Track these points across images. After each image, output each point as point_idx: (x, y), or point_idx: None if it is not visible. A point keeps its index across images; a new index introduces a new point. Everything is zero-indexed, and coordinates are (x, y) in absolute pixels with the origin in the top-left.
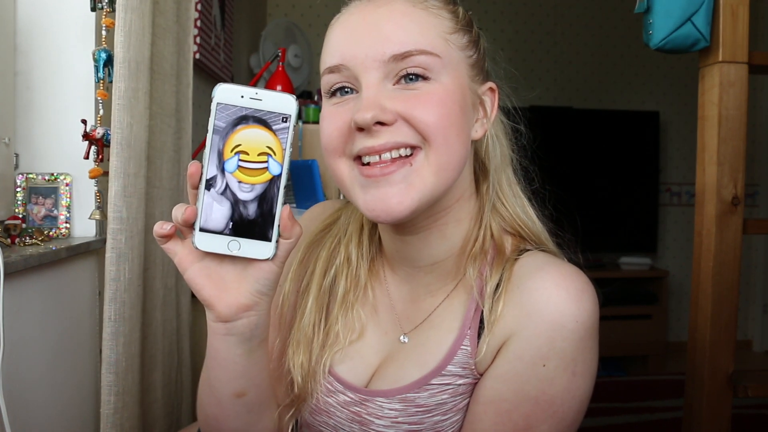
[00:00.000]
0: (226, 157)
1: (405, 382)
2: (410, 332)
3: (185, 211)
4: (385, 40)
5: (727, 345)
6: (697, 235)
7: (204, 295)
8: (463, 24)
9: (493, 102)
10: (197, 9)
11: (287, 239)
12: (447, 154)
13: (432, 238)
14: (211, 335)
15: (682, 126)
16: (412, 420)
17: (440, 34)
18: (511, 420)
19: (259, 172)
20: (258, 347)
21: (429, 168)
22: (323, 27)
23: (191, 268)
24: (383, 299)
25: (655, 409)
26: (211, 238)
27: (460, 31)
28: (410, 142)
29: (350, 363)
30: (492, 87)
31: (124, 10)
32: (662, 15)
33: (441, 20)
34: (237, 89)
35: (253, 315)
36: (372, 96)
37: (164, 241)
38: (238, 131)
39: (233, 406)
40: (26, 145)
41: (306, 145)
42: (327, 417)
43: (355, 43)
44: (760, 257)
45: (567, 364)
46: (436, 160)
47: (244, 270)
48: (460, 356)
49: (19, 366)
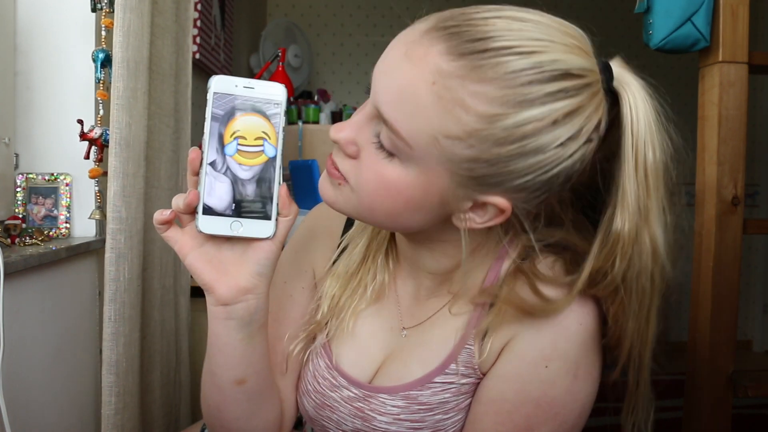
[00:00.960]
0: (226, 142)
1: (408, 380)
2: (412, 328)
3: (189, 194)
4: (384, 90)
5: (727, 345)
6: (697, 235)
7: (204, 279)
8: (485, 136)
9: (493, 218)
10: (197, 9)
11: (285, 216)
12: (367, 215)
13: (426, 254)
14: (211, 320)
15: (682, 126)
16: (414, 417)
17: (430, 129)
18: (512, 421)
19: (256, 155)
20: (257, 332)
21: (350, 201)
22: (323, 27)
23: (192, 253)
24: (390, 295)
25: (655, 409)
26: (214, 221)
27: (468, 141)
28: (348, 180)
29: (355, 357)
30: (499, 205)
31: (123, 9)
32: (662, 15)
33: (445, 118)
34: (231, 80)
35: (251, 298)
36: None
37: (164, 229)
38: (236, 119)
39: (234, 394)
40: (26, 145)
41: (306, 145)
42: (330, 412)
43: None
44: (760, 257)
45: (569, 366)
46: (355, 206)
47: (243, 253)
48: (464, 355)
49: (19, 366)
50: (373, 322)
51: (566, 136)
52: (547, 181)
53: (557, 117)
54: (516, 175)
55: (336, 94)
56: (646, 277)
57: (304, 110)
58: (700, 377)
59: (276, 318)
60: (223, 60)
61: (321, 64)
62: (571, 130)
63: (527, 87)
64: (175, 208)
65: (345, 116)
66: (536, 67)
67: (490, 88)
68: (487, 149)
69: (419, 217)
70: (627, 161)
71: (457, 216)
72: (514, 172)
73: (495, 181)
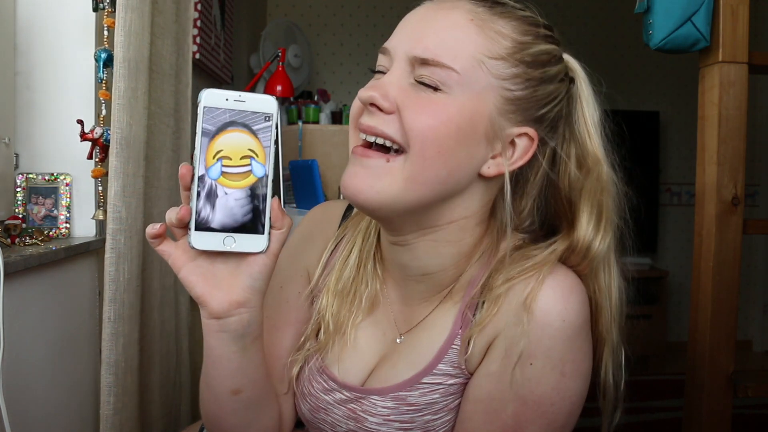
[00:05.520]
0: (209, 164)
1: (397, 381)
2: (406, 333)
3: (180, 210)
4: (417, 41)
5: (727, 345)
6: (697, 235)
7: (197, 293)
8: (523, 57)
9: (526, 150)
10: (197, 9)
11: (279, 229)
12: (420, 166)
13: (420, 252)
14: (205, 333)
15: (682, 126)
16: (404, 418)
17: (476, 53)
18: (500, 419)
19: (244, 175)
20: (252, 344)
21: (401, 173)
22: (323, 27)
23: (185, 267)
24: (383, 301)
25: (655, 409)
26: (207, 237)
27: (510, 61)
28: (395, 138)
29: (348, 362)
30: (530, 134)
31: (124, 9)
32: (662, 15)
33: (489, 42)
34: (222, 93)
35: (245, 312)
36: (384, 81)
37: (157, 243)
38: (218, 137)
39: (231, 403)
40: (26, 145)
41: (306, 145)
42: (325, 414)
43: (401, 35)
44: (760, 257)
45: (555, 363)
46: (409, 167)
47: (237, 267)
48: (451, 355)
49: (19, 366)
50: (369, 331)
51: (563, 73)
52: (553, 119)
53: (556, 54)
54: (540, 102)
55: (336, 94)
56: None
57: (304, 110)
58: (700, 377)
59: (274, 324)
60: (223, 60)
61: (321, 64)
62: (562, 69)
63: (535, 27)
64: (168, 222)
65: (345, 116)
66: (534, 16)
67: (515, 23)
68: (523, 70)
69: (464, 157)
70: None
71: (487, 164)
72: (539, 98)
73: (527, 106)
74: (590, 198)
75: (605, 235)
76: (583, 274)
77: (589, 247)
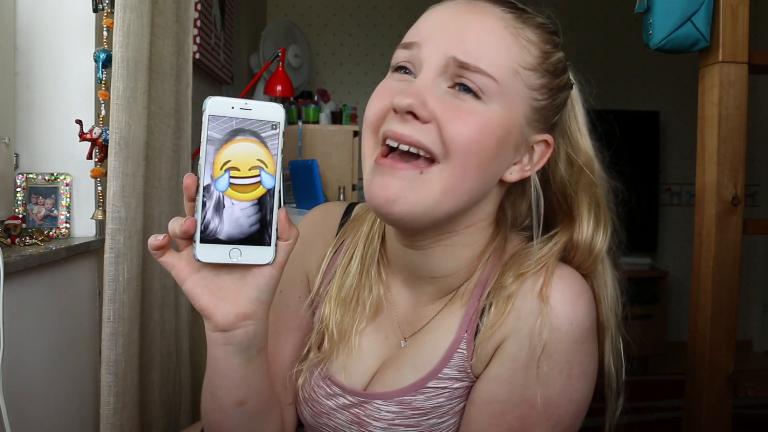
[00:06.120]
0: (216, 175)
1: (402, 385)
2: (410, 337)
3: (185, 222)
4: (457, 42)
5: (727, 345)
6: (697, 235)
7: (202, 305)
8: (548, 67)
9: (543, 154)
10: (197, 9)
11: (285, 241)
12: (460, 178)
13: (435, 257)
14: (210, 345)
15: (682, 126)
16: (409, 422)
17: (512, 63)
18: (506, 422)
19: (252, 187)
20: (257, 356)
21: (438, 184)
22: (323, 27)
23: (189, 279)
24: (387, 306)
25: (655, 409)
26: (213, 249)
27: (540, 71)
28: (432, 149)
29: (352, 368)
30: (548, 140)
31: (123, 9)
32: (662, 15)
33: (523, 52)
34: (227, 101)
35: (250, 324)
36: (421, 86)
37: (160, 254)
38: (226, 146)
39: (235, 414)
40: (26, 145)
41: (306, 145)
42: (328, 419)
43: (435, 32)
44: (760, 257)
45: (562, 366)
46: (448, 179)
47: (242, 278)
48: (457, 359)
49: (19, 366)
50: (372, 336)
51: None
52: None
53: (566, 61)
54: (557, 109)
55: (336, 94)
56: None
57: (304, 110)
58: (700, 377)
59: (275, 330)
60: (223, 60)
61: (321, 64)
62: (568, 75)
63: (552, 35)
64: (171, 233)
65: (345, 116)
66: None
67: (538, 31)
68: (549, 80)
69: (497, 167)
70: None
71: (510, 170)
72: (557, 105)
73: (547, 114)
74: (587, 193)
75: (606, 227)
76: (589, 272)
77: (592, 242)
